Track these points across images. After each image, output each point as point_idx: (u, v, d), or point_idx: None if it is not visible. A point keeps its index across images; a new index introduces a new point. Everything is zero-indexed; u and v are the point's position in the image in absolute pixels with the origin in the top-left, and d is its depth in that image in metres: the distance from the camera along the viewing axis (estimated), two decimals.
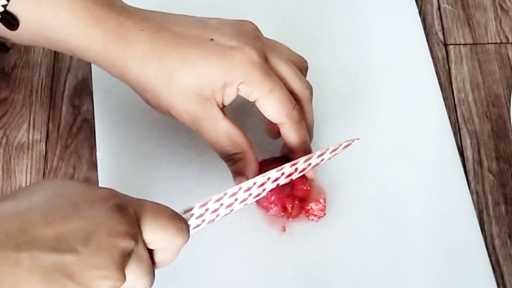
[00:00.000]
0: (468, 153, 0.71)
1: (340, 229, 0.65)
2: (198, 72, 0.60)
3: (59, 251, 0.45)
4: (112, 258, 0.46)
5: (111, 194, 0.49)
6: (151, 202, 0.50)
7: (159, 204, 0.51)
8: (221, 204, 0.55)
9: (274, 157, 0.66)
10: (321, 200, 0.65)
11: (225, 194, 0.55)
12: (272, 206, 0.64)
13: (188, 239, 0.51)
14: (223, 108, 0.61)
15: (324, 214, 0.65)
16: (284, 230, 0.65)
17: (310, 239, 0.65)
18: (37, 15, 0.60)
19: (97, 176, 0.67)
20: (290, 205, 0.64)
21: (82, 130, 0.71)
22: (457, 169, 0.69)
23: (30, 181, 0.67)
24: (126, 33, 0.60)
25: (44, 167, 0.68)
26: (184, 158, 0.68)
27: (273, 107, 0.61)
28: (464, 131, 0.72)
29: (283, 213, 0.64)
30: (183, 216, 0.52)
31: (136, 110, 0.68)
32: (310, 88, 0.64)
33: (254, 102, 0.61)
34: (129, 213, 0.48)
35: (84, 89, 0.72)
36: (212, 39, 0.61)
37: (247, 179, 0.62)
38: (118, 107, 0.71)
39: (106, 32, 0.60)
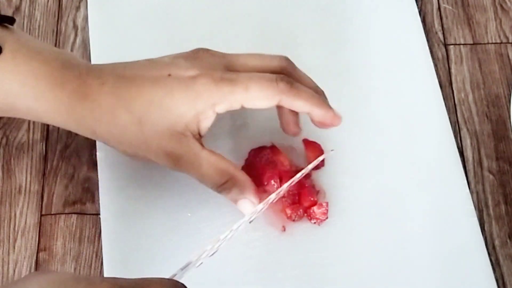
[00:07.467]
0: (468, 153, 0.71)
1: (340, 229, 0.65)
2: (166, 110, 0.59)
3: None
4: None
5: None
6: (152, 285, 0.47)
7: (161, 284, 0.48)
8: (218, 249, 0.54)
9: (262, 146, 0.67)
10: (324, 204, 0.65)
11: (218, 240, 0.54)
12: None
13: None
14: (200, 139, 0.61)
15: (327, 218, 0.65)
16: (284, 230, 0.65)
17: (310, 239, 0.65)
18: (1, 84, 0.59)
19: (97, 176, 0.67)
20: (295, 214, 0.64)
21: None
22: (457, 169, 0.69)
23: (30, 181, 0.67)
24: (89, 91, 0.60)
25: (44, 167, 0.68)
26: None
27: (259, 98, 0.60)
28: (464, 131, 0.72)
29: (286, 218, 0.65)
30: (180, 273, 0.50)
31: None
32: (286, 59, 0.63)
33: (242, 107, 0.61)
34: None
35: None
36: (169, 75, 0.60)
37: (250, 201, 0.61)
38: None
39: (72, 93, 0.60)
